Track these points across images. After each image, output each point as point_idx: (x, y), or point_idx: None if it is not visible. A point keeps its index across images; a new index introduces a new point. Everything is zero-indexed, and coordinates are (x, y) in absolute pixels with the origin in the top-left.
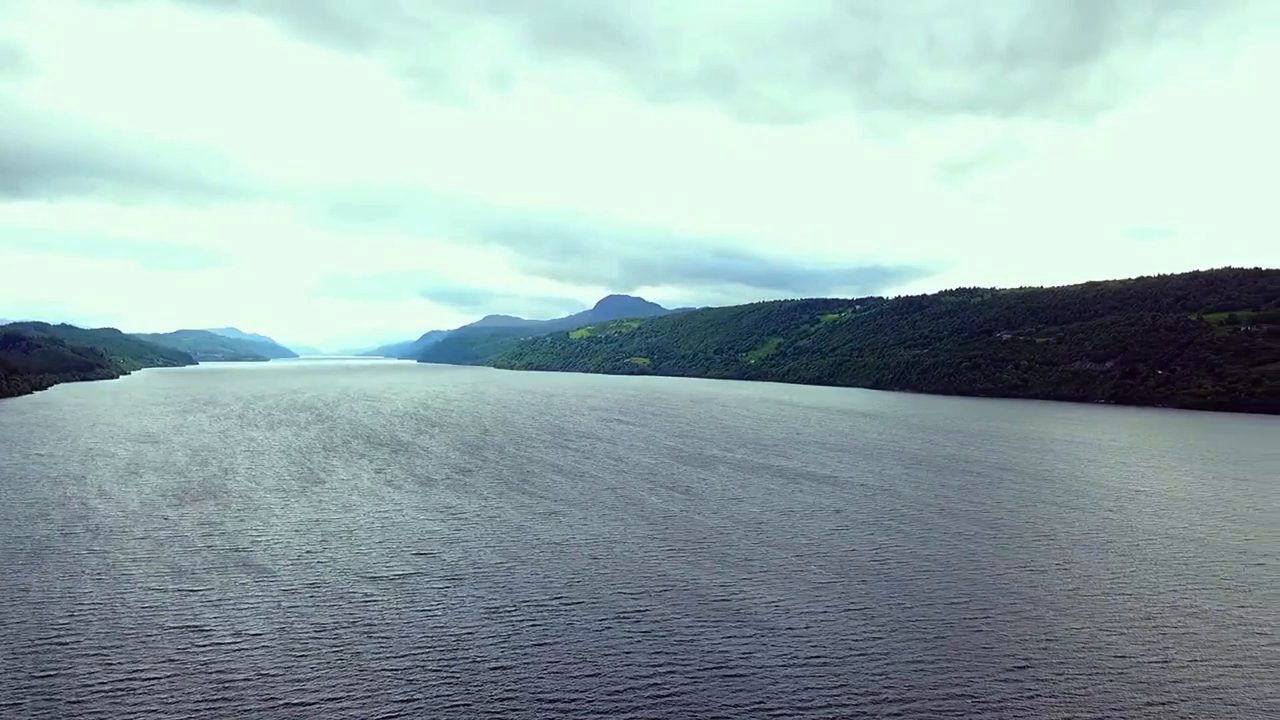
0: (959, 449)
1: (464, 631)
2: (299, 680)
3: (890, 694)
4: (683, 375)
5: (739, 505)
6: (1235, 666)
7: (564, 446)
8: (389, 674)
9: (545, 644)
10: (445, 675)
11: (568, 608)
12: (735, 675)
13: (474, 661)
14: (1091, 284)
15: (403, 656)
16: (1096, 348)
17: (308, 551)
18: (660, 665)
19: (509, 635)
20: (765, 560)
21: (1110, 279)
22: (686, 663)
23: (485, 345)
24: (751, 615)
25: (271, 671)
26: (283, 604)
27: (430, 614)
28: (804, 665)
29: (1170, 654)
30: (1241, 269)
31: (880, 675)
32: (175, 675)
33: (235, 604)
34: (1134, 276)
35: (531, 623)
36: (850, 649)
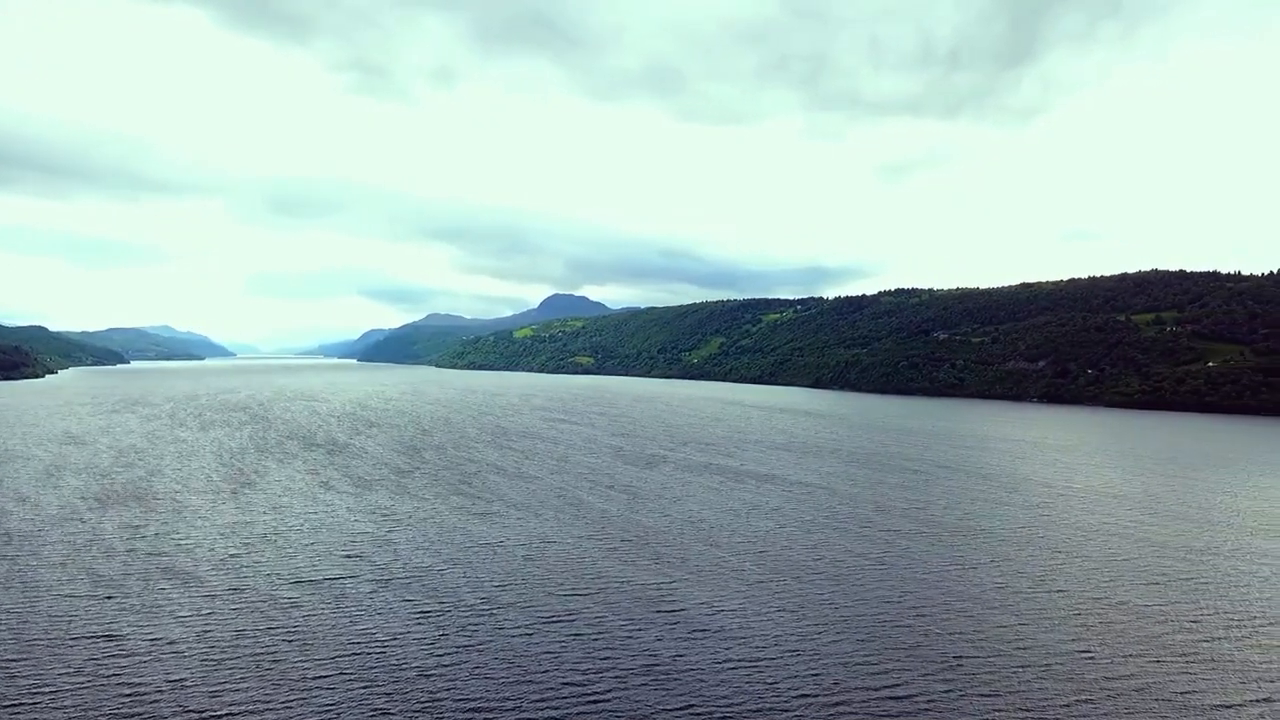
0: (896, 447)
1: (390, 636)
2: (215, 689)
3: (820, 693)
4: (626, 375)
5: (678, 504)
6: (1156, 660)
7: (505, 447)
8: (310, 680)
9: (473, 647)
10: (367, 681)
11: (498, 610)
12: (665, 676)
13: (398, 667)
14: (1025, 285)
15: (325, 662)
16: (1029, 348)
17: (233, 555)
18: (589, 667)
19: (436, 639)
20: (701, 559)
21: (1043, 280)
22: (616, 664)
23: (427, 344)
24: (685, 615)
25: (187, 680)
26: (203, 610)
27: (356, 618)
28: (734, 666)
29: (1095, 648)
30: (1167, 271)
31: (810, 675)
32: (84, 687)
33: (153, 610)
34: (1066, 278)
35: (460, 626)
36: (781, 648)
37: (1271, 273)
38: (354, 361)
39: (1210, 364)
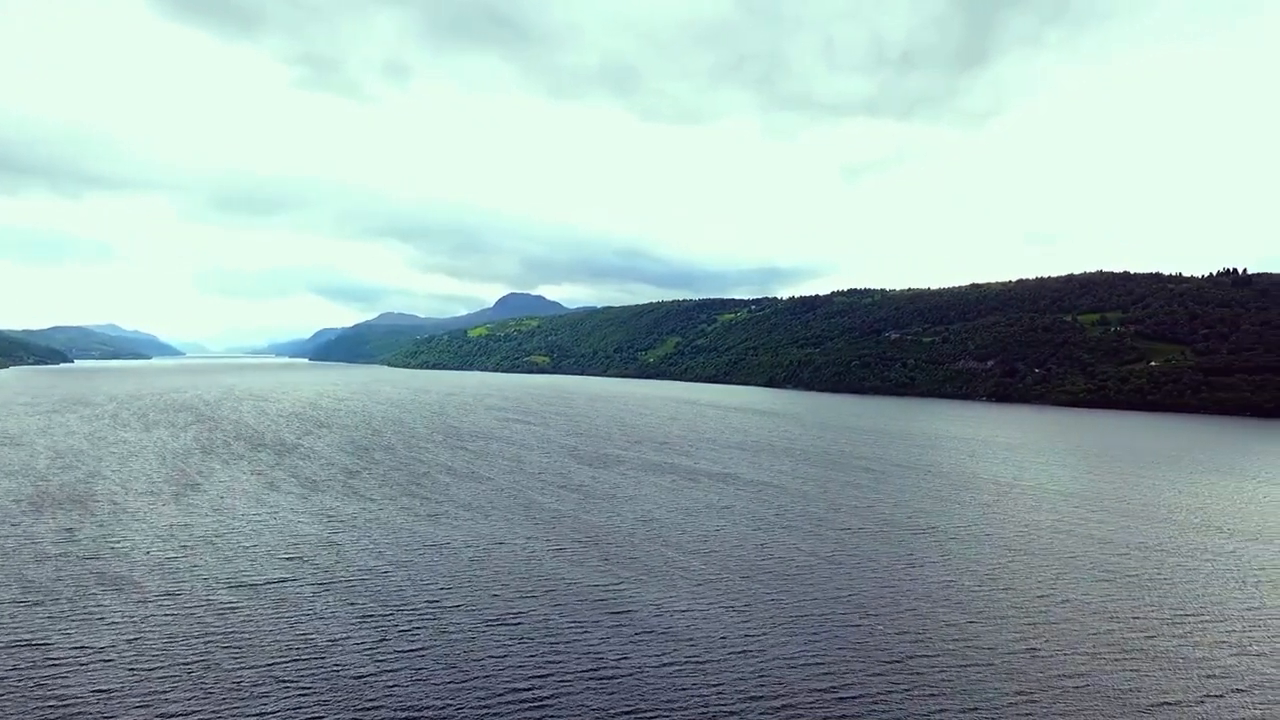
0: (848, 445)
1: (330, 640)
2: (144, 697)
3: (765, 694)
4: (583, 374)
5: (630, 504)
6: (1099, 657)
7: (458, 447)
8: (243, 687)
9: (414, 651)
10: (304, 687)
11: (442, 613)
12: (609, 678)
13: (336, 671)
14: (975, 286)
15: (260, 668)
16: (979, 347)
17: (170, 559)
18: (532, 670)
19: (377, 642)
20: (651, 559)
21: (993, 281)
22: (560, 666)
23: (380, 343)
24: (632, 616)
25: (114, 689)
26: (136, 615)
27: (295, 622)
28: (680, 667)
29: (1039, 645)
30: (1112, 273)
31: (756, 675)
32: (5, 696)
33: (84, 617)
34: (1015, 279)
35: (402, 629)
36: (727, 647)
37: (1211, 274)
38: (306, 361)
39: (1153, 363)
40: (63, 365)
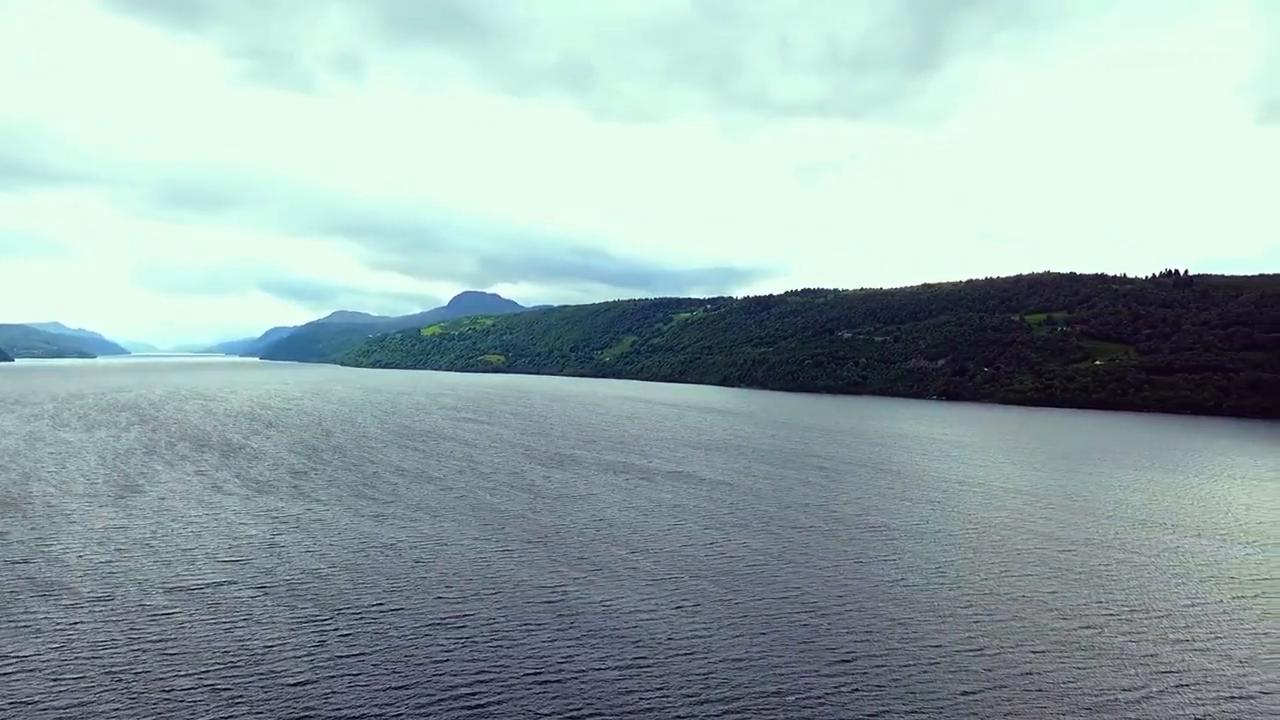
0: (799, 443)
1: (266, 645)
2: (68, 706)
3: (710, 694)
4: (538, 373)
5: (581, 504)
6: (1041, 652)
7: (410, 447)
8: (174, 694)
9: (354, 655)
10: (236, 694)
11: (384, 615)
12: (553, 681)
13: (272, 677)
14: (926, 286)
15: (191, 675)
16: (930, 346)
17: (105, 562)
18: (475, 673)
19: (316, 647)
20: (600, 559)
21: (943, 281)
22: (503, 669)
23: (332, 342)
24: (578, 617)
25: (35, 699)
26: (64, 621)
27: (231, 626)
28: (624, 668)
29: (983, 641)
30: (1059, 273)
31: (701, 675)
32: None
33: (8, 624)
34: (965, 279)
35: (342, 633)
36: (673, 648)
37: (1154, 275)
38: (256, 360)
39: (1098, 362)
40: (3, 364)
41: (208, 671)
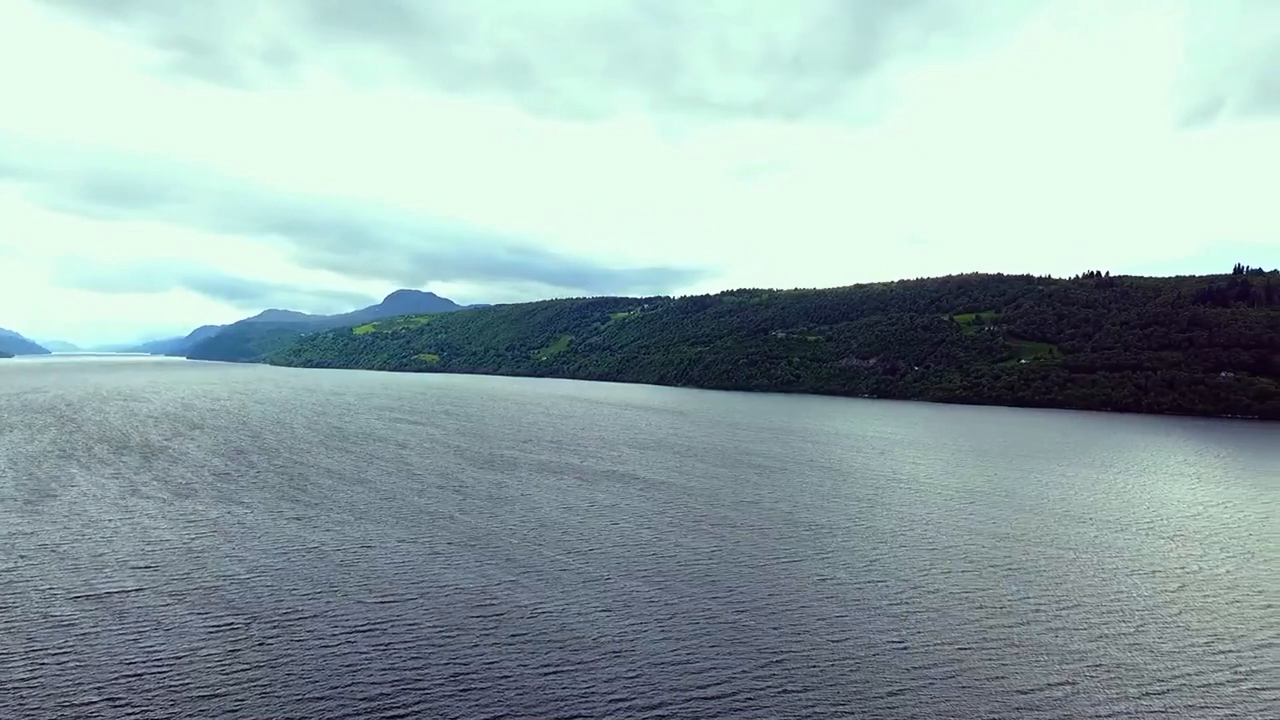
0: (733, 441)
1: (175, 654)
2: None
3: (634, 695)
4: (473, 372)
5: (513, 504)
6: (967, 647)
7: (341, 449)
8: (71, 707)
9: (267, 664)
10: (140, 706)
11: (302, 621)
12: (474, 686)
13: (179, 688)
14: (859, 286)
15: (92, 687)
16: (862, 345)
17: (6, 570)
18: (393, 679)
19: (229, 655)
20: (528, 560)
21: (875, 281)
22: (423, 674)
23: (263, 341)
24: (503, 619)
25: None
26: None
27: (140, 635)
28: (550, 671)
29: (910, 638)
30: (986, 274)
31: (627, 675)
32: None
33: None
34: (896, 279)
35: (256, 640)
36: (601, 650)
37: (1077, 276)
38: (183, 359)
39: (1023, 361)
40: None
41: (110, 683)
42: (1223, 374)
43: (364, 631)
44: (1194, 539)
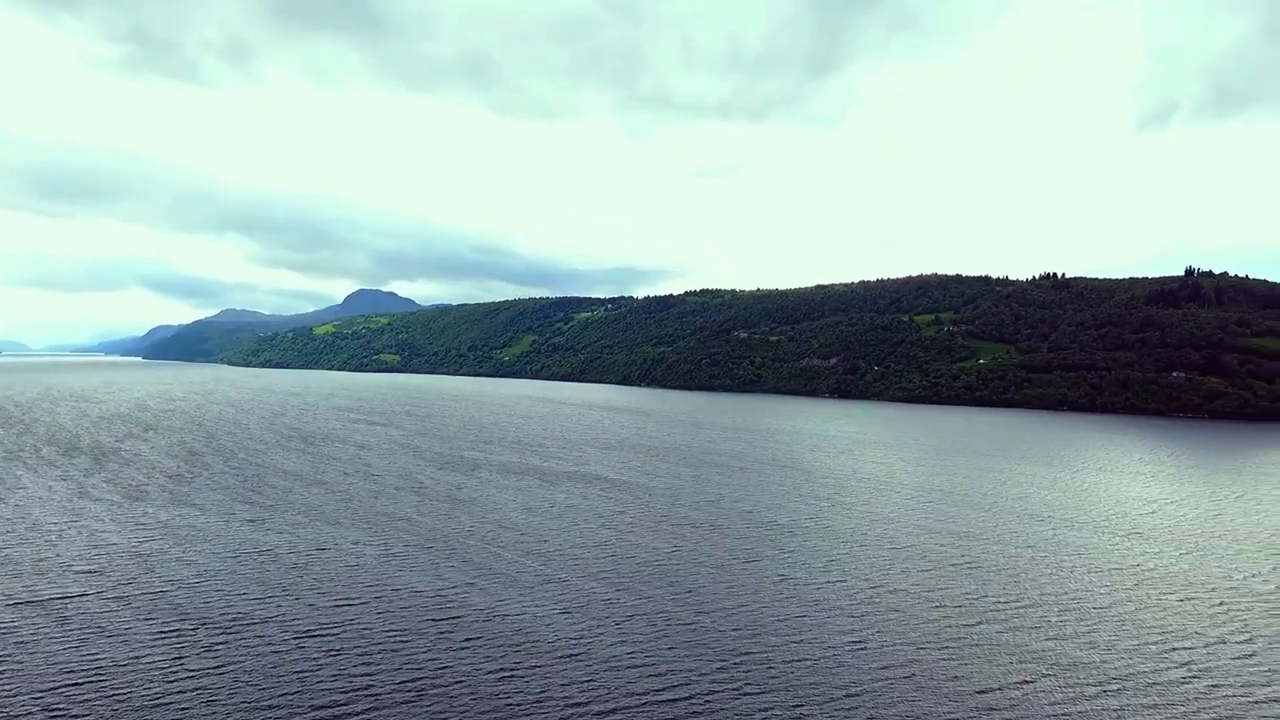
0: (695, 441)
1: (117, 661)
2: None
3: (590, 698)
4: (434, 373)
5: (471, 505)
6: (925, 647)
7: (298, 450)
8: (7, 717)
9: (213, 669)
10: (78, 714)
11: (251, 626)
12: (426, 690)
13: (120, 696)
14: (820, 287)
15: (29, 695)
16: (823, 346)
17: None
18: (343, 685)
19: (173, 661)
20: (485, 562)
21: (836, 282)
22: (374, 680)
23: (222, 341)
24: (458, 622)
25: None
26: None
27: (82, 642)
28: (505, 675)
29: (868, 637)
30: (945, 275)
31: (583, 678)
32: None
33: None
34: (857, 280)
35: (203, 645)
36: (556, 652)
37: (1034, 278)
38: (139, 359)
39: (981, 361)
40: None
41: (48, 692)
42: (1174, 374)
43: (314, 636)
44: (1149, 537)
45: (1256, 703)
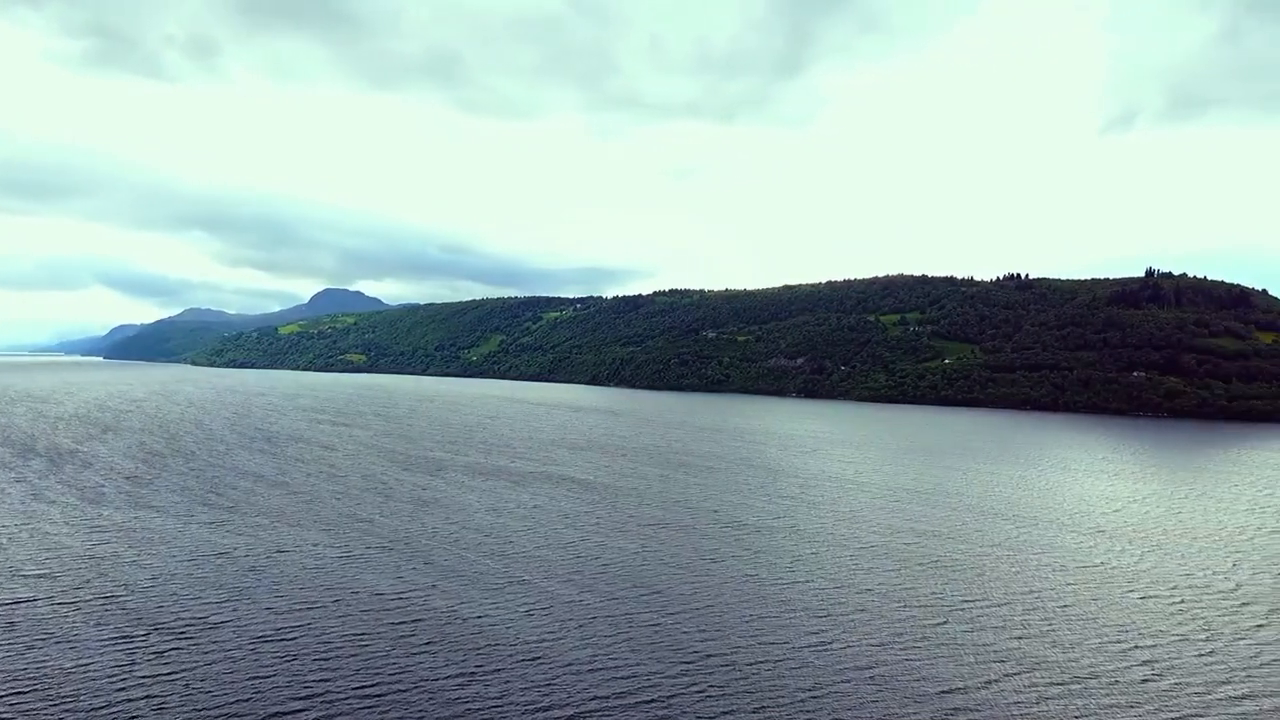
0: (662, 440)
1: (65, 667)
2: None
3: (552, 701)
4: (401, 373)
5: (437, 507)
6: (889, 646)
7: (262, 451)
8: None
9: (165, 676)
10: None
11: (205, 631)
12: (384, 694)
13: (68, 703)
14: (787, 287)
15: None
16: (790, 346)
17: None
18: (299, 691)
19: (123, 667)
20: (449, 564)
21: (803, 282)
22: (331, 685)
23: (185, 341)
24: (418, 624)
25: None
26: None
27: (28, 648)
28: (466, 678)
29: (834, 637)
30: (912, 275)
31: (545, 681)
32: None
33: None
34: (824, 280)
35: (155, 651)
36: (518, 655)
37: (998, 278)
38: (100, 359)
39: (946, 361)
40: None
41: None
42: (1135, 373)
43: (270, 640)
44: (1111, 535)
45: (1217, 700)
